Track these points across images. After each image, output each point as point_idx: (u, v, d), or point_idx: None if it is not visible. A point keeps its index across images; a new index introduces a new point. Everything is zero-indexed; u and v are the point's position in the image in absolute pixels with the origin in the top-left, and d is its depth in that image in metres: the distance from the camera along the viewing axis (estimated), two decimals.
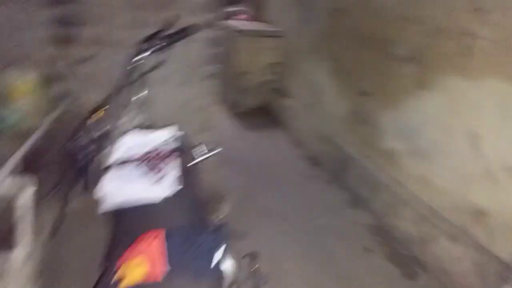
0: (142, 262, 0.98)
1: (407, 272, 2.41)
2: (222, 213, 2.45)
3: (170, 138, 1.58)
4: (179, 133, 1.61)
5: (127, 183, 1.36)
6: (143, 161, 1.45)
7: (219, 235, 1.08)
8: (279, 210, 2.99)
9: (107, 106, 1.56)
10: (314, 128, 3.94)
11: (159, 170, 1.42)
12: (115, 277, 0.96)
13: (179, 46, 1.73)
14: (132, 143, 1.55)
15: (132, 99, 1.67)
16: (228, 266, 1.08)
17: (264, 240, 2.61)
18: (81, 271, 2.15)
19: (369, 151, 3.12)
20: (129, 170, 1.42)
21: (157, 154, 1.48)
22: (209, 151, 2.01)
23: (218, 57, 2.67)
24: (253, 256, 1.41)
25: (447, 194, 2.31)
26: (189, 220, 1.28)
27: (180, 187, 1.36)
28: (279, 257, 2.45)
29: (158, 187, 1.35)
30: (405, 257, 2.55)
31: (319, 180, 3.53)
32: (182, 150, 1.55)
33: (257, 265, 1.40)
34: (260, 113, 5.02)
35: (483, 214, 2.05)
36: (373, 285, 2.30)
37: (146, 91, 1.68)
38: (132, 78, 1.66)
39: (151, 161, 1.45)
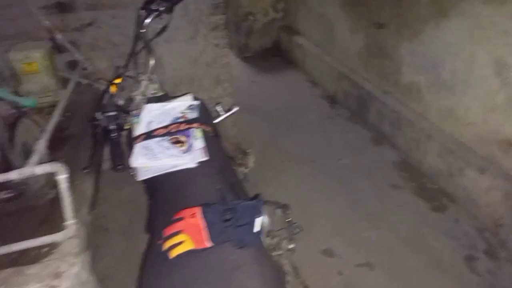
0: (187, 240, 1.01)
1: (435, 206, 2.44)
2: (248, 166, 2.47)
3: (188, 107, 1.56)
4: (196, 102, 1.59)
5: (155, 158, 1.37)
6: (165, 134, 1.45)
7: (255, 205, 1.08)
8: (304, 154, 3.00)
9: (122, 75, 1.54)
10: (329, 65, 3.82)
11: (183, 143, 1.42)
12: (164, 247, 1.01)
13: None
14: (151, 116, 1.54)
15: (143, 68, 1.64)
16: (264, 220, 1.11)
17: (292, 185, 2.66)
18: (123, 233, 2.27)
19: (388, 86, 3.03)
20: (154, 145, 1.43)
21: (178, 126, 1.47)
22: (227, 111, 2.00)
23: (220, 5, 2.54)
24: (285, 207, 1.44)
25: (473, 125, 2.26)
26: (222, 188, 1.29)
27: (206, 158, 1.36)
28: (309, 201, 2.51)
29: (186, 159, 1.36)
30: (432, 191, 2.56)
31: (340, 119, 3.50)
32: (202, 119, 1.53)
33: (289, 215, 1.43)
34: (271, 54, 4.89)
35: None
36: (403, 221, 2.34)
37: (154, 60, 1.63)
38: (139, 47, 1.62)
39: (173, 134, 1.45)
